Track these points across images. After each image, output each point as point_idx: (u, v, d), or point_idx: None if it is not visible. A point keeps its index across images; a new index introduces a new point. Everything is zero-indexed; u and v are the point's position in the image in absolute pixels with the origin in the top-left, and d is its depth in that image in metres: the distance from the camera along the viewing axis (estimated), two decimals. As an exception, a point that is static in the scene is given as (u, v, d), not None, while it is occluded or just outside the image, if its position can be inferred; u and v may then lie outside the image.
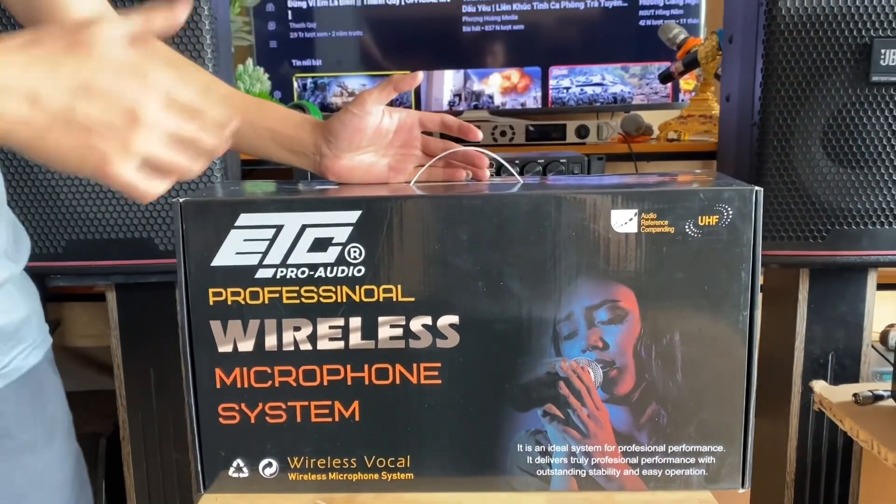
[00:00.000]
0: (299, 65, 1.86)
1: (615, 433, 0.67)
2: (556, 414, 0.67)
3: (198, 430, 0.68)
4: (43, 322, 0.73)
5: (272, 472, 0.69)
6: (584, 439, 0.68)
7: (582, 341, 0.66)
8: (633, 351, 0.66)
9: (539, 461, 0.68)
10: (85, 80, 0.46)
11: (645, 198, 0.63)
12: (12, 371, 0.66)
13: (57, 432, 0.72)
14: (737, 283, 0.64)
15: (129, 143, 0.48)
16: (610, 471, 0.68)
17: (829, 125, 1.03)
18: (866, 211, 1.04)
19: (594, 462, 0.68)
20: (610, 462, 0.68)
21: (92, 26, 0.47)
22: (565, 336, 0.66)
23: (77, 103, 0.46)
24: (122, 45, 0.48)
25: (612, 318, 0.65)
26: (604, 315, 0.65)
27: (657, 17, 1.77)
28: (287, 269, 0.65)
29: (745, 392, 0.66)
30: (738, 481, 0.68)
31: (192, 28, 1.01)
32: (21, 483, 0.68)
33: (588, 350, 0.66)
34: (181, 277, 0.65)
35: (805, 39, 1.01)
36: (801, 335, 1.16)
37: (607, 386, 0.67)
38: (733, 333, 0.65)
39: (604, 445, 0.68)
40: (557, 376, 0.66)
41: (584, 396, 0.67)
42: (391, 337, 0.66)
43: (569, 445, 0.68)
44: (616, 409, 0.67)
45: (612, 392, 0.67)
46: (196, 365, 0.66)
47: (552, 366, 0.66)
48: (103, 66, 0.47)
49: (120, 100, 0.47)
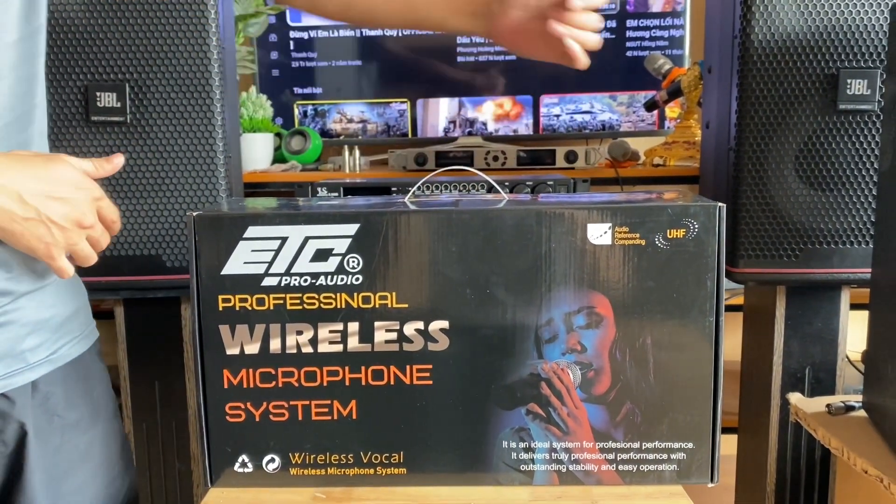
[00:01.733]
0: (300, 92, 1.92)
1: (593, 430, 0.72)
2: (538, 412, 0.72)
3: (206, 427, 0.73)
4: (90, 317, 0.84)
5: (275, 468, 0.73)
6: (565, 436, 0.73)
7: (562, 344, 0.71)
8: (609, 353, 0.71)
9: (523, 457, 0.73)
10: (54, 189, 0.66)
11: (618, 212, 0.69)
12: (59, 358, 0.76)
13: (101, 414, 0.82)
14: (703, 290, 0.70)
15: (70, 240, 0.68)
16: (588, 466, 0.73)
17: (800, 150, 1.08)
18: (837, 231, 1.09)
19: (574, 458, 0.73)
20: (588, 458, 0.73)
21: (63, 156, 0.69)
22: (546, 340, 0.71)
23: (48, 204, 0.65)
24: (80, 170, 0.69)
25: (588, 322, 0.71)
26: (581, 320, 0.71)
27: (643, 49, 1.84)
28: (291, 278, 0.70)
29: (712, 392, 0.71)
30: (707, 476, 0.73)
31: (201, 58, 1.07)
32: (69, 457, 0.77)
33: (567, 353, 0.71)
34: (193, 285, 0.70)
35: (776, 70, 1.07)
36: (779, 350, 1.21)
37: (585, 386, 0.72)
38: (701, 338, 0.71)
39: (582, 442, 0.73)
40: (539, 377, 0.72)
41: (563, 396, 0.72)
42: (386, 340, 0.71)
43: (550, 442, 0.72)
44: (593, 408, 0.72)
45: (589, 392, 0.72)
46: (205, 366, 0.71)
47: (535, 367, 0.71)
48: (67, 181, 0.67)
49: (73, 208, 0.67)
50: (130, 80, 1.07)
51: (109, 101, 1.06)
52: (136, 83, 1.07)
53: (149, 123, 1.07)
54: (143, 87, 1.07)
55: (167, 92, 1.07)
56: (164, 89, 1.07)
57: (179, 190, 1.08)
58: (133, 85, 1.07)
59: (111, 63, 1.06)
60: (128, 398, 1.21)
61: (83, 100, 1.06)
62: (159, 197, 1.08)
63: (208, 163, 1.08)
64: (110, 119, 1.06)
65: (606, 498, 0.71)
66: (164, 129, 1.08)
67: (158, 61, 1.06)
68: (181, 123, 1.08)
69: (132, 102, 1.07)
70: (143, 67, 1.06)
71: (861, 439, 0.90)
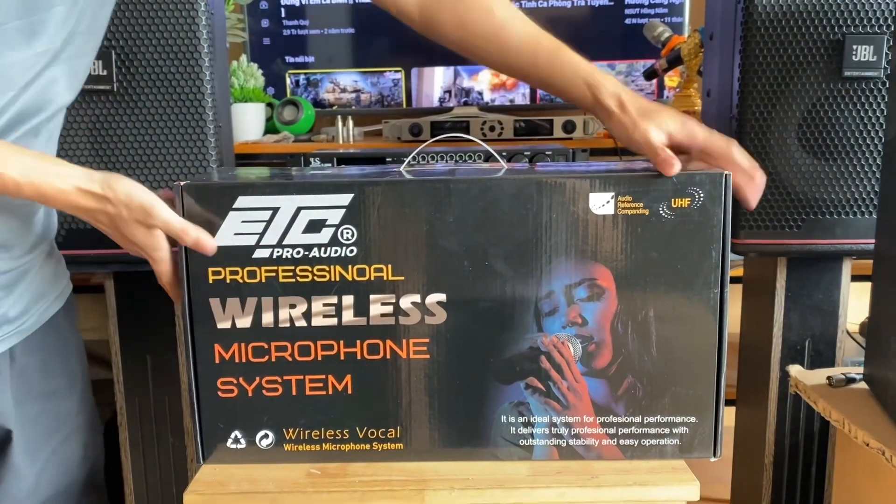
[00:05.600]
0: (292, 61, 1.89)
1: (594, 405, 0.71)
2: (537, 387, 0.71)
3: (198, 403, 0.71)
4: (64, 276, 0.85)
5: (269, 444, 0.72)
6: (565, 411, 0.71)
7: (562, 317, 0.70)
8: (611, 327, 0.70)
9: (522, 431, 0.72)
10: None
11: (621, 181, 0.67)
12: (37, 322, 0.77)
13: (77, 383, 0.83)
14: (707, 262, 0.68)
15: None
16: (589, 441, 0.72)
17: (804, 118, 1.06)
18: (840, 201, 1.07)
19: (574, 432, 0.72)
20: (589, 432, 0.72)
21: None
22: (546, 313, 0.70)
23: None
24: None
25: (590, 295, 0.69)
26: (582, 292, 0.69)
27: (642, 16, 1.81)
28: (283, 250, 0.68)
29: (716, 366, 0.70)
30: (710, 451, 0.72)
31: (189, 24, 1.04)
32: (48, 424, 0.78)
33: (568, 326, 0.70)
34: (182, 258, 0.68)
35: (780, 36, 1.04)
36: (779, 322, 1.20)
37: (586, 360, 0.71)
38: (705, 310, 0.69)
39: (583, 416, 0.71)
40: (539, 351, 0.70)
41: (563, 370, 0.70)
42: (382, 314, 0.69)
43: (550, 417, 0.71)
44: (594, 382, 0.71)
45: (590, 366, 0.71)
46: (196, 341, 0.70)
47: (534, 341, 0.70)
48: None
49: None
50: (117, 47, 1.04)
51: (96, 68, 1.04)
52: (123, 50, 1.04)
53: (136, 92, 1.05)
54: (130, 54, 1.04)
55: (155, 59, 1.04)
56: (152, 57, 1.04)
57: (168, 160, 1.06)
58: (119, 52, 1.04)
59: (96, 29, 1.03)
60: (119, 373, 1.20)
61: (68, 67, 1.03)
62: (147, 168, 1.06)
63: (198, 132, 1.06)
64: (97, 88, 1.04)
65: (607, 472, 0.71)
66: (151, 97, 1.05)
67: (145, 27, 1.03)
68: (169, 92, 1.05)
69: (119, 70, 1.04)
70: (130, 34, 1.03)
71: (862, 412, 0.90)
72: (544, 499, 0.68)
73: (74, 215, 0.68)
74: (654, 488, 0.68)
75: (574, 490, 0.69)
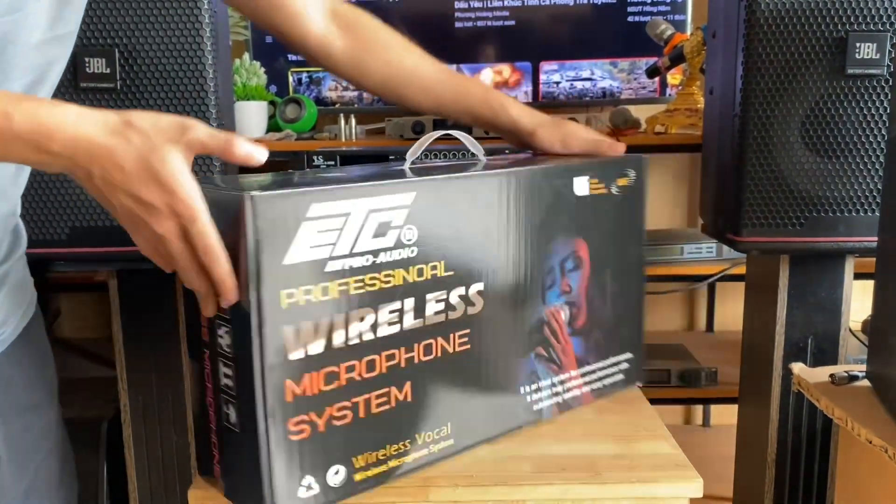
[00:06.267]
0: (295, 59, 1.89)
1: (577, 360, 0.81)
2: (542, 353, 0.78)
3: (267, 451, 0.59)
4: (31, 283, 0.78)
5: (340, 480, 0.64)
6: (560, 370, 0.80)
7: (557, 289, 0.78)
8: (586, 290, 0.82)
9: (534, 398, 0.78)
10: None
11: (592, 167, 0.80)
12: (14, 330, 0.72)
13: (55, 394, 0.79)
14: (639, 226, 0.85)
15: None
16: (575, 392, 0.82)
17: (807, 116, 1.06)
18: (843, 199, 1.07)
19: (566, 387, 0.81)
20: (574, 385, 0.82)
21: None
22: (548, 287, 0.78)
23: None
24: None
25: (574, 266, 0.79)
26: (570, 264, 0.79)
27: (645, 14, 1.81)
28: (353, 259, 0.61)
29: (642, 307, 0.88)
30: (639, 379, 0.89)
31: (192, 22, 1.04)
32: (33, 438, 0.74)
33: (561, 295, 0.79)
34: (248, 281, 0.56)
35: (783, 33, 1.04)
36: (782, 320, 1.20)
37: (571, 322, 0.81)
38: (637, 265, 0.87)
39: (570, 372, 0.81)
40: (543, 321, 0.77)
41: (558, 334, 0.79)
42: (436, 312, 0.67)
43: (550, 379, 0.80)
44: (576, 340, 0.82)
45: (574, 326, 0.81)
46: (266, 380, 0.58)
47: (541, 313, 0.77)
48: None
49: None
50: (120, 45, 1.04)
51: (98, 66, 1.04)
52: (126, 48, 1.04)
53: (139, 90, 1.05)
54: (133, 52, 1.04)
55: (158, 57, 1.04)
56: (155, 55, 1.04)
57: (172, 158, 1.06)
58: (122, 50, 1.04)
59: (99, 28, 1.03)
60: (123, 371, 1.20)
61: (71, 66, 1.03)
62: (151, 166, 1.06)
63: (201, 130, 1.06)
64: (100, 86, 1.04)
65: (611, 469, 0.71)
66: (154, 95, 1.05)
67: (148, 25, 1.04)
68: (172, 90, 1.05)
69: (122, 68, 1.04)
70: (133, 32, 1.04)
71: (865, 409, 0.90)
72: (548, 495, 0.69)
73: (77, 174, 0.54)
74: (658, 485, 0.68)
75: (578, 486, 0.69)
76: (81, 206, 1.07)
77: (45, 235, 1.08)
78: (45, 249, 1.08)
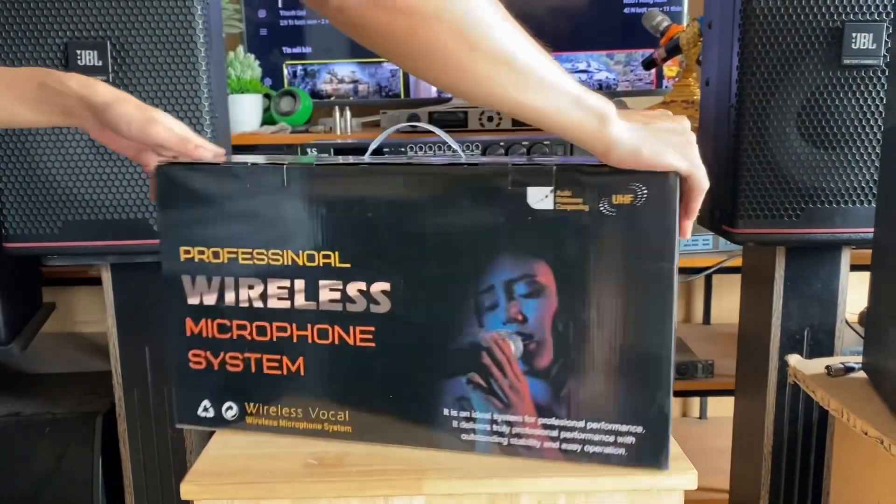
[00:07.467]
0: (290, 52, 1.88)
1: (535, 405, 0.68)
2: (479, 382, 0.69)
3: (175, 372, 0.77)
4: None
5: (233, 416, 0.76)
6: (506, 409, 0.69)
7: (502, 313, 0.67)
8: (552, 325, 0.67)
9: (464, 426, 0.71)
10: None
11: (560, 176, 0.64)
12: None
13: None
14: (654, 263, 0.64)
15: None
16: (531, 441, 0.70)
17: (803, 107, 1.06)
18: (839, 190, 1.07)
19: (515, 431, 0.70)
20: (530, 433, 0.69)
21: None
22: (487, 308, 0.67)
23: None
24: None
25: (530, 291, 0.66)
26: (522, 288, 0.66)
27: (641, 5, 1.80)
28: None
29: (664, 375, 0.66)
30: (658, 462, 0.68)
31: (184, 14, 1.03)
32: None
33: (508, 322, 0.67)
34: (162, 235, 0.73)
35: (779, 24, 1.04)
36: (778, 312, 1.20)
37: (527, 358, 0.68)
38: (652, 315, 0.65)
39: (524, 416, 0.69)
40: (480, 346, 0.68)
41: (504, 367, 0.68)
42: (330, 300, 0.71)
43: (491, 413, 0.70)
44: (536, 382, 0.68)
45: (531, 365, 0.68)
46: (171, 314, 0.75)
47: (475, 336, 0.68)
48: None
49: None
50: (111, 37, 1.03)
51: (90, 59, 1.03)
52: (118, 40, 1.03)
53: (132, 82, 1.04)
54: (125, 44, 1.03)
55: (150, 50, 1.04)
56: (147, 47, 1.04)
57: (164, 151, 1.05)
58: (114, 42, 1.03)
59: (91, 20, 1.03)
60: (118, 365, 1.20)
61: (63, 58, 1.03)
62: (144, 159, 1.05)
63: (193, 123, 1.05)
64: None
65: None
66: (147, 88, 1.04)
67: (140, 17, 1.03)
68: (165, 83, 1.05)
69: (114, 61, 1.04)
70: (125, 24, 1.03)
71: (861, 400, 0.90)
72: (543, 487, 0.68)
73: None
74: (652, 477, 0.68)
75: (572, 479, 0.68)
76: (74, 200, 1.07)
77: (38, 230, 1.07)
78: (37, 244, 1.08)
